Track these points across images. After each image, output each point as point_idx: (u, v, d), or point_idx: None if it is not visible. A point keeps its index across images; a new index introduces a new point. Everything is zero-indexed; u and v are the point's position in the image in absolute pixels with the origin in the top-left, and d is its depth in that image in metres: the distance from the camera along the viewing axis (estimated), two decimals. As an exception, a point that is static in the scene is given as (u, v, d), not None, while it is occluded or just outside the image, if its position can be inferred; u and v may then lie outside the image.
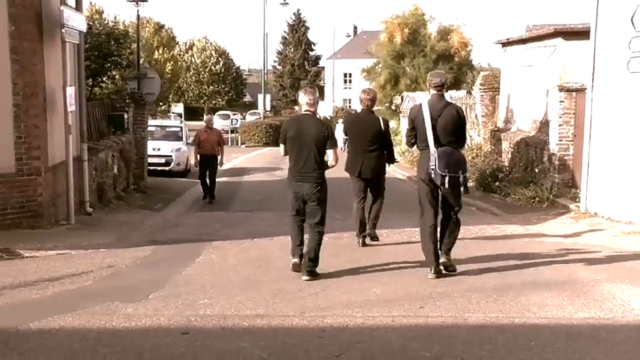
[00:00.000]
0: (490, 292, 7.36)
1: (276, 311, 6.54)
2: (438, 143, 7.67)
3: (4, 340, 5.53)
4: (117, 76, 19.71)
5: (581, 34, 14.96)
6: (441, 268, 7.96)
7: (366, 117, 10.10)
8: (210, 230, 11.95)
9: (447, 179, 7.63)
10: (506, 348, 5.61)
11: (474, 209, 15.83)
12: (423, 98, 11.60)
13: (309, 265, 7.80)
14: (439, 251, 8.04)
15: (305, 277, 7.74)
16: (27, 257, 8.83)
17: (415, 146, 8.20)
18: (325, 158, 7.87)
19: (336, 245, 10.00)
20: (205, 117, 18.85)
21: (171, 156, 24.13)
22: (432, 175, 7.71)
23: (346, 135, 10.49)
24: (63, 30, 11.24)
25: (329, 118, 50.79)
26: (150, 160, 21.76)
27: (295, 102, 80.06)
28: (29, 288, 7.22)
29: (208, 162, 17.19)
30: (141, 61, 41.23)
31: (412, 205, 14.64)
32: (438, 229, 8.10)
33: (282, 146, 8.16)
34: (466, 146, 20.06)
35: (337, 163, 7.98)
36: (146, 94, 19.69)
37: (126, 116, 17.06)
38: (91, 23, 18.69)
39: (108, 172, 15.11)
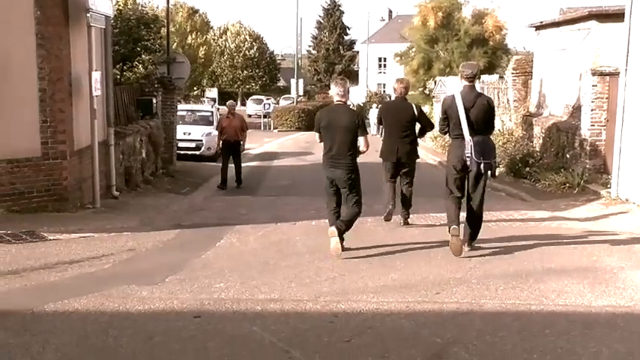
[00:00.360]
0: (509, 278, 7.26)
1: (291, 296, 6.52)
2: (472, 132, 8.05)
3: (18, 322, 5.59)
4: (147, 61, 19.77)
5: (616, 16, 14.63)
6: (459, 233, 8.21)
7: (400, 104, 10.51)
8: (234, 214, 11.98)
9: (482, 165, 8.03)
10: (521, 335, 5.52)
11: (504, 194, 15.66)
12: (455, 85, 11.61)
13: (340, 225, 8.18)
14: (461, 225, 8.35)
15: (334, 241, 8.08)
16: (50, 240, 8.91)
17: (447, 135, 8.65)
18: (357, 144, 8.29)
19: (359, 230, 9.95)
20: (228, 102, 18.34)
21: (201, 140, 24.22)
22: (468, 162, 8.06)
23: (380, 123, 10.82)
24: (88, 14, 11.31)
25: (361, 105, 50.63)
26: (180, 144, 21.91)
27: (329, 86, 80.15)
28: (49, 270, 7.30)
29: (231, 148, 17.04)
30: (173, 46, 41.48)
31: (440, 190, 14.71)
32: (462, 214, 8.45)
33: (317, 134, 8.58)
34: (497, 131, 20.10)
35: (368, 149, 8.40)
36: (175, 78, 19.77)
37: (154, 101, 17.16)
38: (121, 8, 18.81)
39: (136, 157, 15.23)
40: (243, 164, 23.24)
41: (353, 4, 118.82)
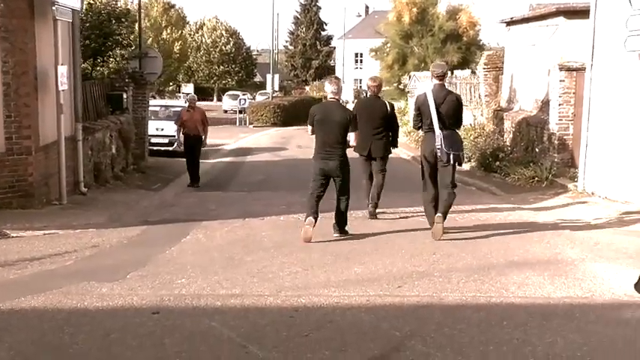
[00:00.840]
0: (472, 271, 7.31)
1: (252, 291, 6.51)
2: (442, 126, 8.83)
3: (-26, 319, 5.54)
4: (119, 56, 19.62)
5: (583, 13, 14.75)
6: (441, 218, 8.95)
7: (373, 102, 10.90)
8: (203, 210, 11.94)
9: (450, 156, 8.83)
10: (479, 327, 5.55)
11: (474, 189, 15.77)
12: (427, 83, 11.84)
13: (339, 226, 9.12)
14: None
15: (335, 235, 9.06)
16: (13, 237, 8.84)
17: (420, 129, 9.53)
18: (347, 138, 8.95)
19: (324, 225, 9.98)
20: (188, 95, 18.08)
21: (174, 136, 23.98)
22: (438, 154, 8.85)
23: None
24: (54, 7, 11.20)
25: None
26: (153, 140, 21.77)
27: (306, 82, 79.98)
28: (8, 268, 7.22)
29: (192, 143, 16.43)
30: (148, 41, 41.22)
31: (411, 185, 14.80)
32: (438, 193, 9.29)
33: (309, 127, 9.16)
34: (469, 125, 20.22)
35: (357, 142, 9.27)
36: (148, 73, 19.63)
37: (125, 96, 17.03)
38: (92, 2, 18.63)
39: (105, 152, 15.12)
40: (216, 160, 23.30)
41: (330, 0, 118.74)
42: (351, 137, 8.90)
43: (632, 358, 5.00)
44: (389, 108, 10.83)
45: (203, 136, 16.45)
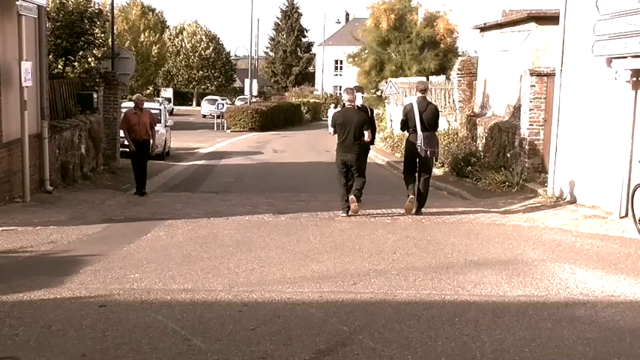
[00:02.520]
0: (429, 270, 7.26)
1: (205, 286, 6.42)
2: (423, 129, 11.16)
3: None
4: (90, 55, 19.42)
5: (553, 19, 14.78)
6: (414, 199, 11.21)
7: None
8: (169, 210, 11.81)
9: (428, 152, 11.22)
10: (429, 324, 5.50)
11: (445, 193, 15.77)
12: (413, 97, 14.46)
13: (355, 193, 10.85)
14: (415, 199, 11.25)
15: (353, 205, 10.73)
16: (-32, 232, 8.68)
17: (406, 131, 11.76)
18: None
19: (289, 224, 9.94)
20: (134, 96, 15.82)
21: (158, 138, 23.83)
22: (419, 150, 11.16)
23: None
24: (18, 2, 11.04)
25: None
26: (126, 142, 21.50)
27: (286, 89, 79.85)
28: (-43, 261, 7.09)
29: (141, 148, 14.30)
30: (126, 44, 40.98)
31: (384, 189, 14.81)
32: (416, 183, 11.42)
33: (332, 128, 11.51)
34: (443, 131, 20.26)
35: (370, 139, 11.29)
36: (120, 74, 19.43)
37: (95, 95, 16.83)
38: (64, 1, 18.44)
39: (74, 152, 14.92)
40: (189, 163, 23.11)
41: (311, 7, 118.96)
42: (365, 134, 10.99)
43: (580, 354, 4.96)
44: (369, 112, 12.03)
45: (151, 141, 14.60)
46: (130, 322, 5.29)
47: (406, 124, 11.50)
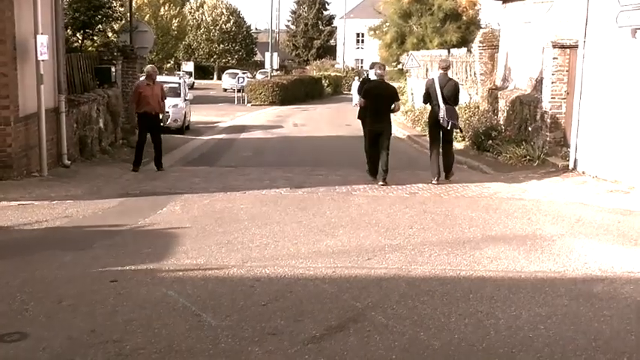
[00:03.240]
0: (446, 245, 7.17)
1: (217, 261, 6.38)
2: (444, 102, 11.91)
3: None
4: (109, 30, 19.37)
5: (578, -12, 14.48)
6: (441, 177, 12.04)
7: (380, 85, 12.50)
8: (186, 184, 11.76)
9: (449, 123, 11.97)
10: (442, 300, 5.42)
11: (465, 167, 15.57)
12: (435, 72, 14.82)
13: (383, 175, 11.68)
14: (440, 169, 12.10)
15: (380, 183, 11.55)
16: (-16, 206, 8.71)
17: (428, 104, 12.75)
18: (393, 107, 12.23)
19: (305, 199, 9.86)
20: (147, 67, 14.98)
21: (168, 112, 23.80)
22: (441, 121, 11.94)
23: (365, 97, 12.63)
24: (32, -24, 10.98)
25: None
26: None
27: (308, 62, 79.42)
28: (-28, 235, 7.11)
29: (153, 122, 13.74)
30: (145, 18, 40.89)
31: (404, 164, 14.69)
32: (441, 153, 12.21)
33: (362, 99, 12.64)
34: (464, 104, 20.04)
35: (399, 109, 13.43)
36: (138, 47, 19.37)
37: (113, 69, 16.80)
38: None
39: (92, 126, 14.92)
40: (209, 137, 23.08)
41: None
42: (395, 106, 12.23)
43: (597, 331, 4.86)
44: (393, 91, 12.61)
45: (161, 115, 14.03)
46: (141, 298, 5.26)
47: (429, 97, 12.32)
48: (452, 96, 12.04)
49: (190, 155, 17.75)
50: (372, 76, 13.63)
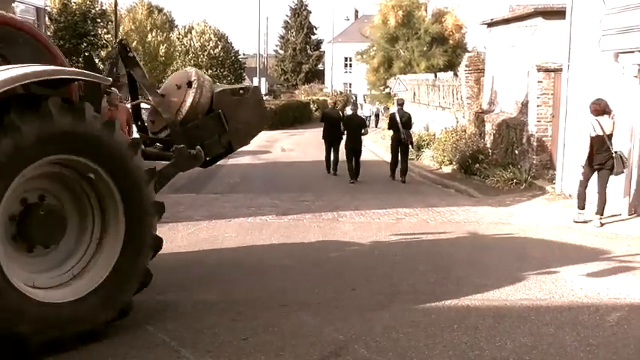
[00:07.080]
0: (431, 273, 7.10)
1: (199, 295, 6.28)
2: (404, 127, 16.95)
3: None
4: (95, 57, 19.35)
5: (561, 13, 14.53)
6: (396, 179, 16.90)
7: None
8: (171, 212, 11.47)
9: (408, 141, 16.94)
10: (427, 331, 5.34)
11: (453, 191, 15.59)
12: (395, 108, 19.00)
13: (354, 177, 16.66)
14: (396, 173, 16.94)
15: (351, 181, 16.54)
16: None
17: (391, 130, 17.82)
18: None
19: (290, 227, 9.81)
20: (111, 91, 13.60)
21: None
22: (402, 140, 16.89)
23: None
24: (14, 4, 10.90)
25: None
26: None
27: (296, 86, 79.66)
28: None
29: None
30: (133, 44, 40.83)
31: (390, 189, 14.65)
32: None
33: (342, 127, 17.53)
34: (451, 128, 20.13)
35: (367, 134, 19.19)
36: (123, 75, 19.32)
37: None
38: (66, 2, 18.40)
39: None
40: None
41: (320, 4, 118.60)
42: (363, 130, 17.53)
43: (583, 362, 4.79)
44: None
45: None
46: (119, 332, 5.15)
47: (392, 125, 17.53)
48: (407, 122, 17.36)
49: (177, 182, 17.56)
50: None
